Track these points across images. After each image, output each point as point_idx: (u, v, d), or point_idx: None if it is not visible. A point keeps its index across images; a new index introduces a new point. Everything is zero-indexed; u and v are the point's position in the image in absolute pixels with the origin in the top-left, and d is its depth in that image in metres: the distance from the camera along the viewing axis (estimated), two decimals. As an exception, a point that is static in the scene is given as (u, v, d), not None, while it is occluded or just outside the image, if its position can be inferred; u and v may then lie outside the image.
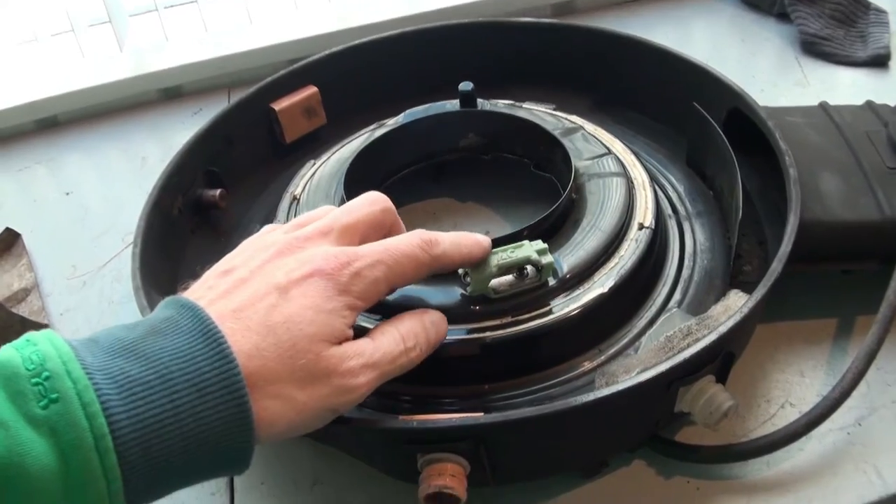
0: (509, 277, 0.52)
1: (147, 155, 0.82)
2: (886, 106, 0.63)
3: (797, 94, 0.77)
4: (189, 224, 0.65)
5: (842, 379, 0.49)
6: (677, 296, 0.56)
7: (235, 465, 0.38)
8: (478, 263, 0.52)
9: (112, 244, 0.72)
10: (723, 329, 0.46)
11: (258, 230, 0.48)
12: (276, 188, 0.68)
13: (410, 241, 0.45)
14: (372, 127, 0.69)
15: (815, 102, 0.65)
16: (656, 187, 0.62)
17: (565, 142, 0.62)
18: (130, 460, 0.33)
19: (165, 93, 0.89)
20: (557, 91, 0.73)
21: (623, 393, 0.44)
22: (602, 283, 0.53)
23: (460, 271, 0.52)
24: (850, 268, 0.57)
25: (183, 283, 0.60)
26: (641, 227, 0.57)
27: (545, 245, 0.53)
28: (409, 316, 0.46)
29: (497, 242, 0.53)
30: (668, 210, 0.62)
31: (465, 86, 0.65)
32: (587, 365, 0.53)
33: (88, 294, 0.68)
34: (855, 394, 0.50)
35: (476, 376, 0.53)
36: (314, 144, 0.72)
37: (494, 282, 0.52)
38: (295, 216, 0.61)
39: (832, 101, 0.64)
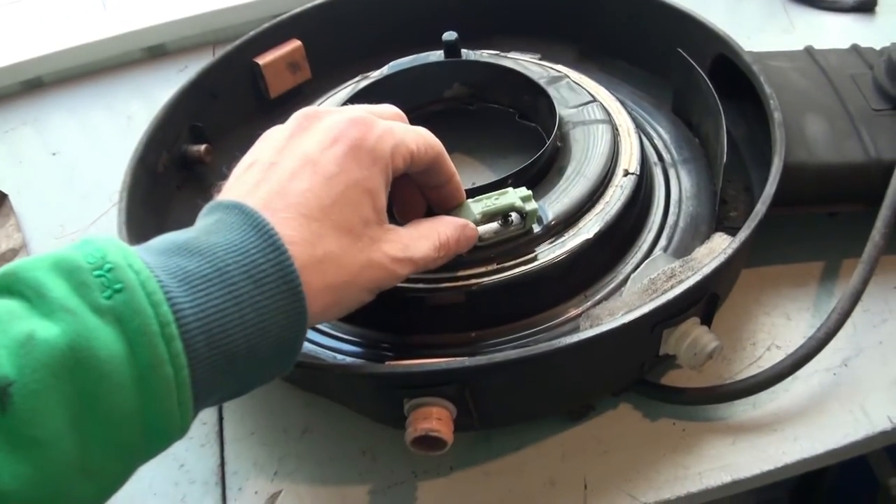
0: (494, 225, 0.52)
1: (133, 114, 0.82)
2: (872, 49, 0.62)
3: (783, 40, 0.76)
4: (175, 180, 0.65)
5: (827, 319, 0.50)
6: (663, 241, 0.56)
7: (289, 356, 0.39)
8: (461, 210, 0.52)
9: (99, 203, 0.72)
10: (706, 270, 0.46)
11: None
12: (261, 143, 0.67)
13: (423, 133, 0.46)
14: (356, 79, 0.68)
15: (801, 47, 0.64)
16: (641, 135, 0.61)
17: (550, 90, 0.61)
18: (195, 348, 0.34)
19: (150, 51, 0.89)
20: (543, 41, 0.73)
21: (606, 335, 0.44)
22: (587, 230, 0.53)
23: (445, 219, 0.52)
24: (835, 210, 0.57)
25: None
26: (626, 173, 0.57)
27: (529, 192, 0.53)
28: (450, 224, 0.48)
29: (481, 190, 0.53)
30: (653, 157, 0.62)
31: (449, 35, 0.65)
32: (573, 311, 0.53)
33: (76, 253, 0.68)
34: (841, 335, 0.50)
35: (462, 324, 0.53)
36: (299, 98, 0.72)
37: (479, 229, 0.52)
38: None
39: (818, 47, 0.64)
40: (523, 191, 0.53)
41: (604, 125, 0.59)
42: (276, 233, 0.37)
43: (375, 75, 0.66)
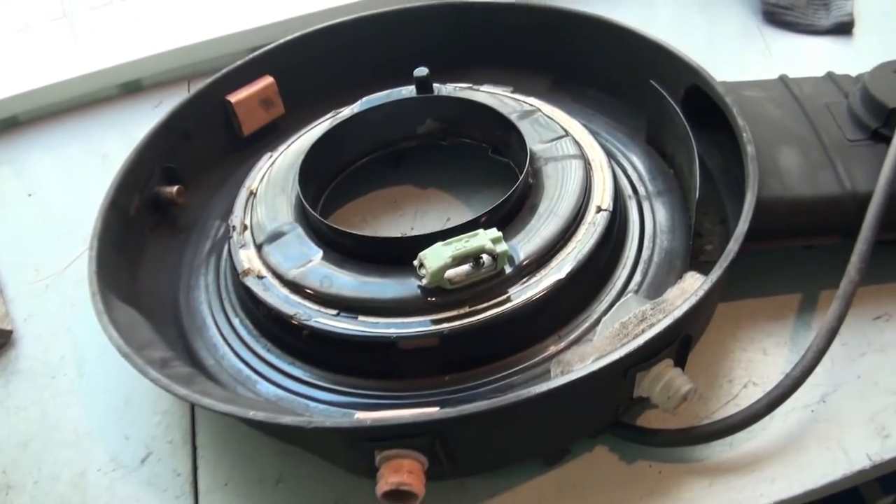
0: (466, 267, 0.52)
1: (108, 151, 0.81)
2: (847, 76, 0.62)
3: (760, 64, 0.76)
4: (147, 223, 0.64)
5: (802, 358, 0.49)
6: (637, 277, 0.56)
7: None
8: (431, 255, 0.51)
9: (74, 245, 0.71)
10: (677, 313, 0.46)
11: (217, 226, 0.46)
12: (235, 182, 0.67)
13: None
14: (328, 116, 0.68)
15: (777, 73, 0.64)
16: (615, 168, 0.61)
17: (522, 125, 0.61)
18: None
19: (125, 87, 0.88)
20: (517, 72, 0.72)
21: (577, 382, 0.44)
22: (560, 269, 0.53)
23: (415, 262, 0.52)
24: (811, 244, 0.56)
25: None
26: (599, 209, 0.56)
27: (500, 233, 0.52)
28: None
29: (452, 232, 0.53)
30: (628, 190, 0.62)
31: (420, 71, 0.64)
32: (550, 349, 0.53)
33: (51, 298, 0.67)
34: (819, 370, 0.49)
35: (436, 368, 0.53)
36: (274, 135, 0.71)
37: (450, 272, 0.51)
38: (252, 211, 0.61)
39: (795, 71, 0.63)
40: (493, 232, 0.52)
41: (576, 160, 0.59)
42: None
43: (347, 112, 0.66)
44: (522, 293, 0.52)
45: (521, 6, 0.72)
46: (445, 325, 0.51)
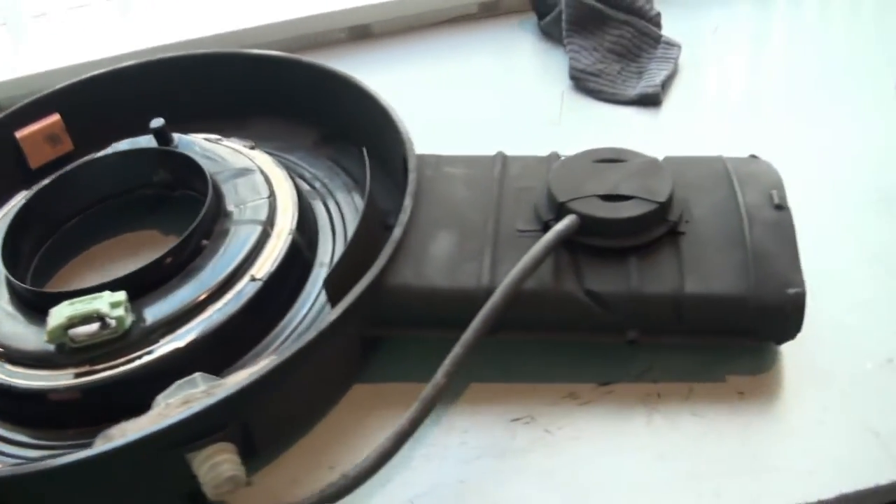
0: (94, 327, 0.53)
1: None
2: (568, 158, 0.59)
3: (547, 133, 0.73)
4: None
5: (364, 459, 0.48)
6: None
7: None
8: (56, 312, 0.53)
9: None
10: (212, 400, 0.45)
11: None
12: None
13: None
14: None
15: (561, 143, 0.62)
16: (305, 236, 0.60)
17: (227, 184, 0.62)
18: None
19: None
20: (289, 123, 0.73)
21: (101, 457, 0.44)
22: (182, 337, 0.53)
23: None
24: (446, 336, 0.54)
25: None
26: (253, 279, 0.56)
27: (123, 297, 0.53)
28: None
29: (82, 293, 0.54)
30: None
31: (157, 122, 0.66)
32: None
33: None
34: (421, 469, 0.49)
35: (81, 419, 0.54)
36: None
37: (74, 331, 0.53)
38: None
39: (580, 142, 0.60)
40: (118, 295, 0.53)
41: (257, 226, 0.59)
42: None
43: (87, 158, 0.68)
44: (141, 357, 0.53)
45: (284, 59, 0.73)
46: (62, 382, 0.53)
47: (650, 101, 0.73)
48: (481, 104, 0.74)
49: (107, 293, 0.53)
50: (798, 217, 0.55)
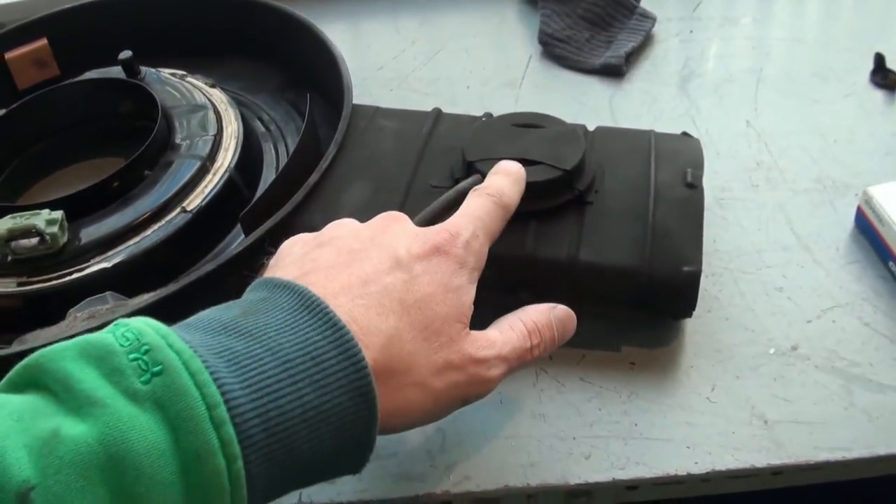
0: (32, 241, 0.57)
1: None
2: (490, 119, 0.60)
3: (504, 94, 0.74)
4: None
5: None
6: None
7: (358, 450, 0.35)
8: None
9: None
10: (111, 316, 0.49)
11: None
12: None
13: (484, 202, 0.44)
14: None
15: (518, 106, 0.64)
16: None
17: (182, 118, 0.65)
18: (250, 434, 0.29)
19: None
20: (257, 66, 0.75)
21: (6, 358, 0.48)
22: (111, 259, 0.57)
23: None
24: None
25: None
26: (184, 210, 0.59)
27: (59, 215, 0.57)
28: (536, 310, 0.44)
29: (29, 207, 0.58)
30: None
31: (124, 54, 0.69)
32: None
33: None
34: None
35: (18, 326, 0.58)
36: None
37: (16, 243, 0.57)
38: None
39: (534, 107, 0.60)
40: (56, 214, 0.57)
41: (198, 161, 0.62)
42: (332, 312, 0.34)
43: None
44: (70, 274, 0.57)
45: (258, 3, 0.74)
46: (23, 288, 0.57)
47: (613, 71, 0.73)
48: (447, 61, 0.75)
49: (45, 211, 0.57)
50: (729, 199, 0.55)
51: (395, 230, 0.41)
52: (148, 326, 0.30)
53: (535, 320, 0.43)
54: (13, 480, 0.26)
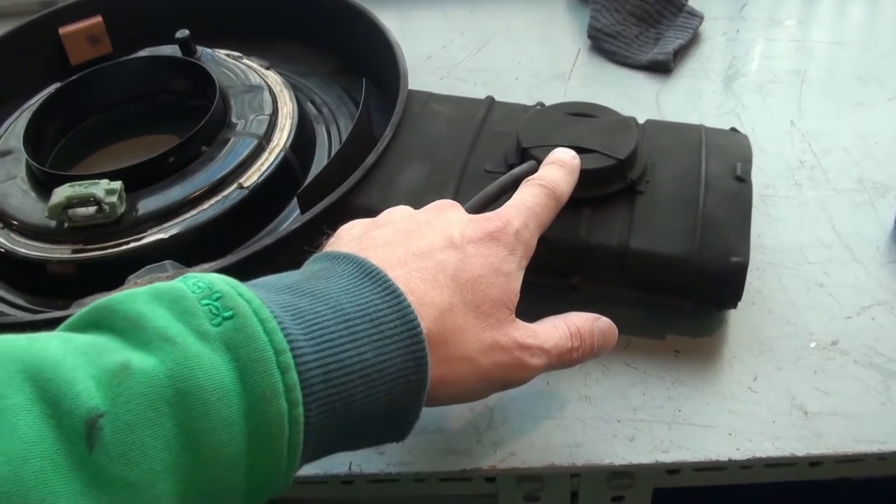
0: (90, 210, 0.59)
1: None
2: (544, 108, 0.61)
3: (552, 87, 0.75)
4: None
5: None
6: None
7: (406, 416, 0.36)
8: (58, 191, 0.58)
9: None
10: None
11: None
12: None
13: (538, 192, 0.45)
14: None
15: (565, 98, 0.65)
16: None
17: (237, 98, 0.66)
18: (311, 383, 0.31)
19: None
20: (311, 50, 0.77)
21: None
22: (167, 230, 0.58)
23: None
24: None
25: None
26: (241, 186, 0.61)
27: (119, 185, 0.58)
28: (580, 316, 0.45)
29: (81, 178, 0.60)
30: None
31: (181, 33, 0.70)
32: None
33: None
34: None
35: (52, 290, 0.60)
36: (101, 69, 0.79)
37: (73, 211, 0.58)
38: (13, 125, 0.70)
39: (581, 99, 0.62)
40: (115, 184, 0.59)
41: (254, 139, 0.63)
42: (390, 279, 0.35)
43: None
44: (128, 243, 0.58)
45: None
46: (77, 255, 0.59)
47: (660, 67, 0.74)
48: (496, 52, 0.76)
49: (105, 181, 0.58)
50: (773, 196, 0.56)
51: (449, 215, 0.42)
52: (218, 278, 0.32)
53: (578, 325, 0.44)
54: (83, 406, 0.26)
